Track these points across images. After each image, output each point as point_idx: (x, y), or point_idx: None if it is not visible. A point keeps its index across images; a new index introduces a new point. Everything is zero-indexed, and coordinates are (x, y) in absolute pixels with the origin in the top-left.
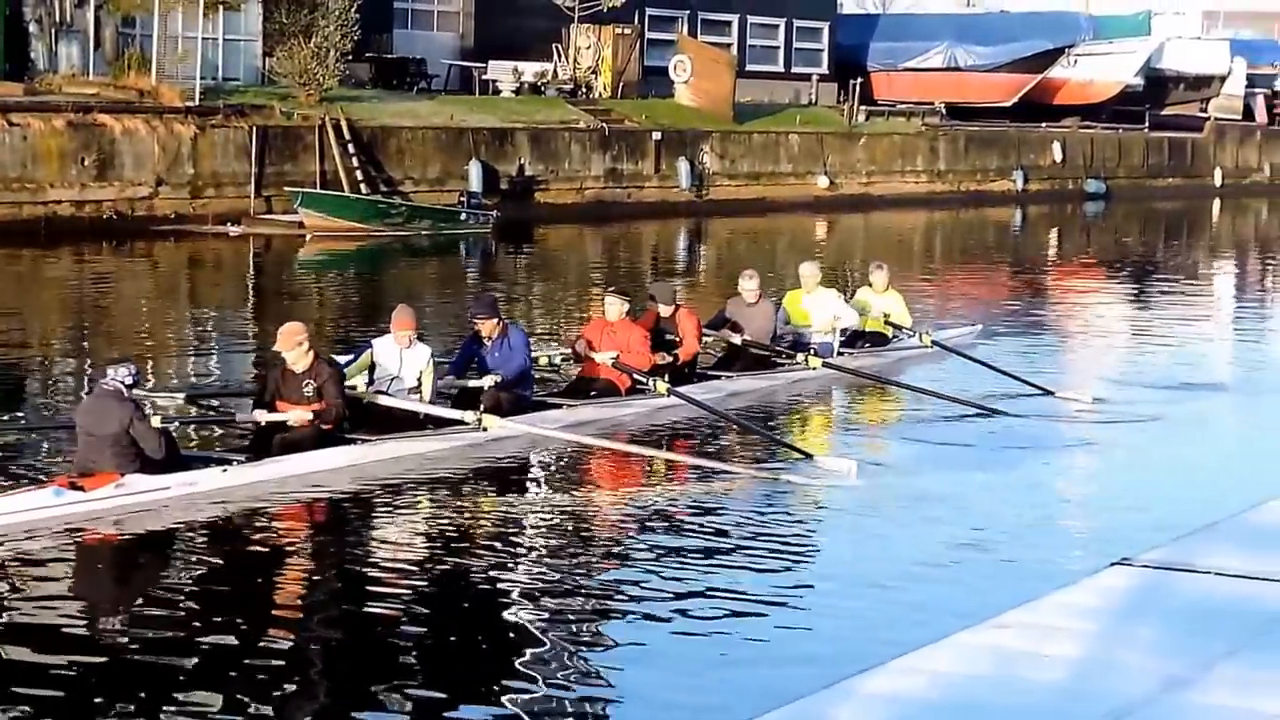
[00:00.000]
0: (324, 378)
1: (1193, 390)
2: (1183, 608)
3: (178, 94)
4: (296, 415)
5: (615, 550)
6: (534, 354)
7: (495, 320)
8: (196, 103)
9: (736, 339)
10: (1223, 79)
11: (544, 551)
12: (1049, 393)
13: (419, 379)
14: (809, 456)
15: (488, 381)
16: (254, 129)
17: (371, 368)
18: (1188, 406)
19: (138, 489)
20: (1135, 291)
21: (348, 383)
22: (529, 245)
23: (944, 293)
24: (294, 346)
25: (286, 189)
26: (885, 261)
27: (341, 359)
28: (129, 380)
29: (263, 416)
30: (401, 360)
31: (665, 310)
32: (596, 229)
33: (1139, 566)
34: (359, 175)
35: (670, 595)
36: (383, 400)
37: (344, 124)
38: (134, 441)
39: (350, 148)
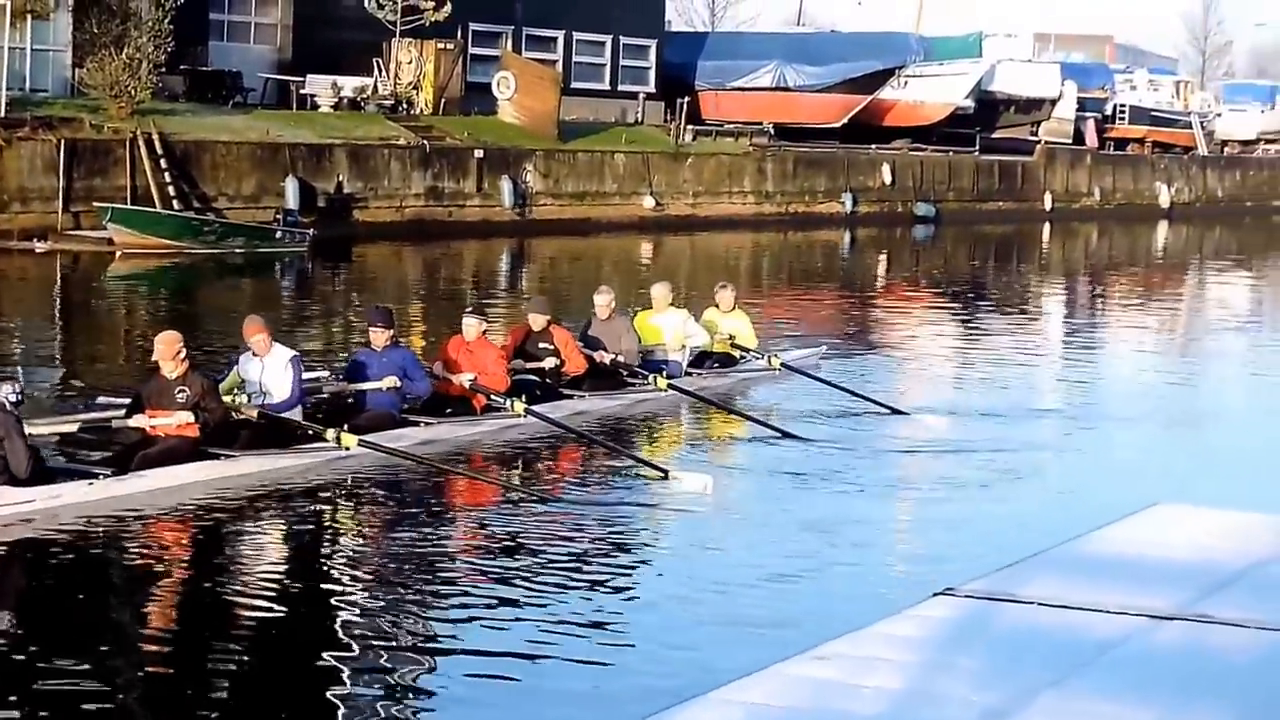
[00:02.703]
0: (200, 387)
1: (1030, 416)
2: (1005, 638)
3: None
4: (179, 418)
5: (456, 574)
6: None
7: (389, 331)
8: (2, 114)
9: (608, 358)
10: (1054, 102)
11: (389, 573)
12: (903, 414)
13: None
14: (665, 473)
15: (387, 383)
16: (62, 142)
17: (242, 384)
18: (1023, 432)
19: (3, 502)
20: (971, 317)
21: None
22: (346, 264)
23: (776, 316)
24: (172, 356)
25: (96, 205)
26: (729, 282)
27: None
28: (14, 398)
29: (145, 422)
30: (264, 368)
31: (538, 324)
32: (416, 248)
33: (962, 596)
34: (171, 191)
35: (497, 623)
36: (248, 413)
37: (156, 138)
38: (4, 454)
39: (162, 162)
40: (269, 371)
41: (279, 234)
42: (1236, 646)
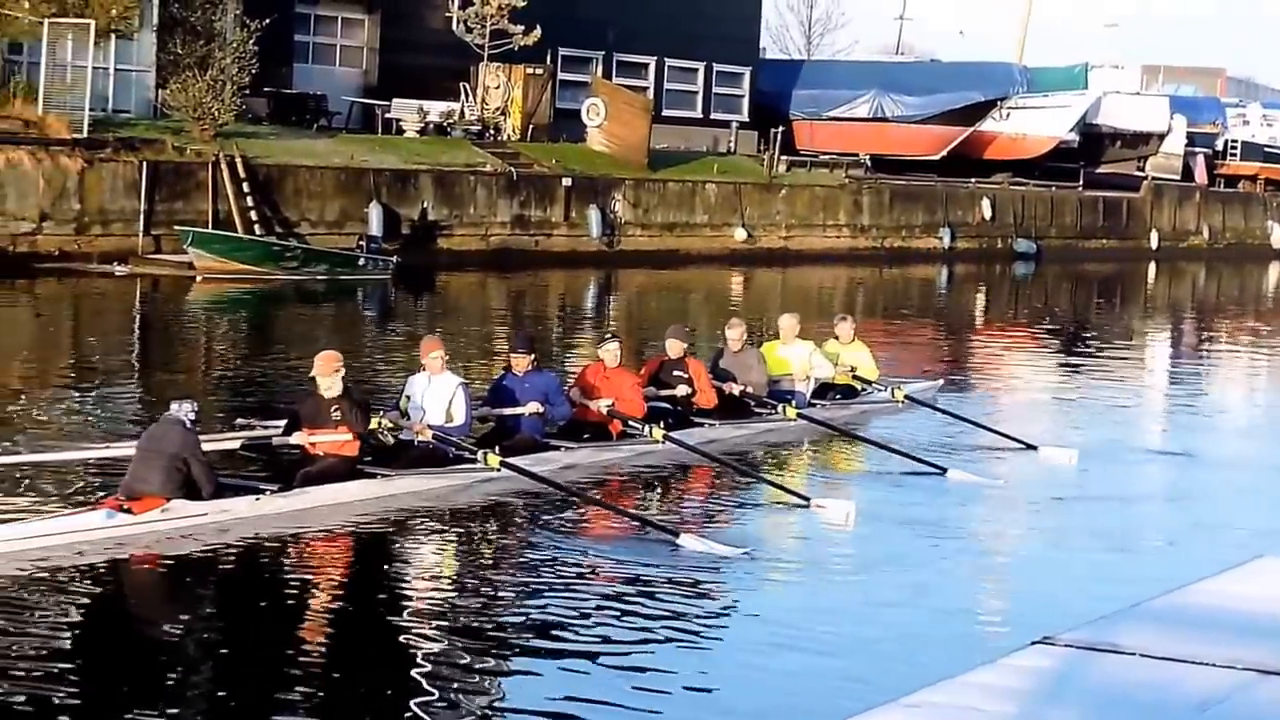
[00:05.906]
0: (352, 406)
1: (1140, 459)
2: (1103, 690)
3: (65, 125)
4: (339, 438)
5: (588, 598)
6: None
7: (530, 356)
8: (85, 135)
9: (737, 389)
10: (1161, 137)
11: (533, 595)
12: (1031, 448)
13: (449, 406)
14: (806, 500)
15: (530, 409)
16: (144, 164)
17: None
18: (1134, 475)
19: (179, 514)
20: (1078, 355)
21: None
22: (430, 293)
23: (877, 351)
24: (331, 373)
25: (177, 228)
26: (848, 314)
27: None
28: (192, 415)
29: (304, 439)
30: (430, 386)
31: (675, 351)
32: (501, 277)
33: (1061, 645)
34: (253, 215)
35: (602, 652)
36: (420, 432)
37: (239, 161)
38: (188, 468)
39: (245, 186)
40: (431, 391)
41: (362, 261)
42: None
